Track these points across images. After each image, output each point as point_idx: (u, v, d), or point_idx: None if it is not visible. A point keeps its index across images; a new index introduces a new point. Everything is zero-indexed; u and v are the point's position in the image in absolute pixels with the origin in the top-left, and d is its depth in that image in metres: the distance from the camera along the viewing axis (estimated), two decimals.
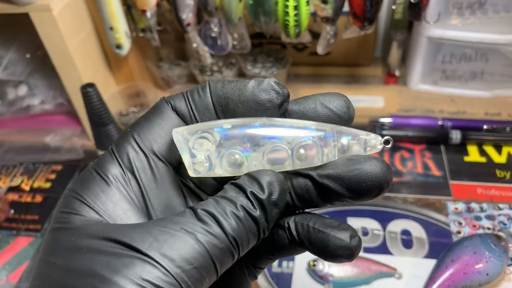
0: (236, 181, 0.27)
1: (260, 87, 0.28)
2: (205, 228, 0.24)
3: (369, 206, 0.63)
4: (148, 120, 0.29)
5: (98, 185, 0.27)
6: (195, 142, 0.28)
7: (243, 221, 0.25)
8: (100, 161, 0.28)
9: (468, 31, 0.72)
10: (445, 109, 0.77)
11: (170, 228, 0.24)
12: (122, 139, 0.29)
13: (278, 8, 0.64)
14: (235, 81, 0.29)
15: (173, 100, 0.29)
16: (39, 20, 0.65)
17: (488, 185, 0.64)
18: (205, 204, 0.26)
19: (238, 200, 0.26)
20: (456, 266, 0.52)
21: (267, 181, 0.26)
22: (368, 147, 0.29)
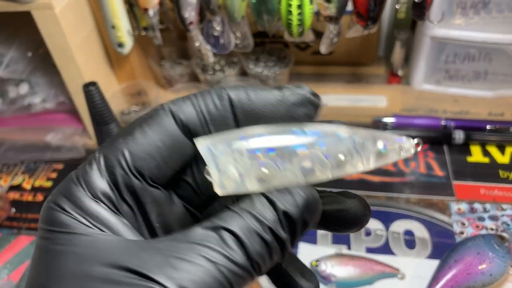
0: (267, 193, 0.24)
1: (296, 101, 0.25)
2: (228, 255, 0.22)
3: (372, 206, 0.63)
4: (144, 136, 0.25)
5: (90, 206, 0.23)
6: (226, 155, 0.24)
7: (270, 245, 0.23)
8: (87, 175, 0.24)
9: (472, 30, 0.71)
10: (448, 109, 0.77)
11: (188, 253, 0.21)
12: (111, 152, 0.25)
13: (281, 7, 0.63)
14: (260, 91, 0.25)
15: (182, 113, 0.25)
16: (41, 18, 0.65)
17: (491, 186, 0.64)
18: (228, 219, 0.23)
19: (266, 220, 0.23)
20: (459, 266, 0.52)
21: (303, 198, 0.24)
22: (402, 151, 0.27)
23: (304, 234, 0.24)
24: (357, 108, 0.79)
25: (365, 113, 0.77)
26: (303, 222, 0.24)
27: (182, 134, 0.25)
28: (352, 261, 0.56)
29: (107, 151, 0.25)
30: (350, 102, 0.81)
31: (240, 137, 0.24)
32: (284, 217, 0.23)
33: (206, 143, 0.24)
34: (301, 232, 0.24)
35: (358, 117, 0.77)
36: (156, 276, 0.20)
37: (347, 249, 0.58)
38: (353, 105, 0.80)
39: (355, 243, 0.59)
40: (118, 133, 0.26)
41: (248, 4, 0.67)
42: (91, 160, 0.25)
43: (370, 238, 0.59)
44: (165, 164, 0.25)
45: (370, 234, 0.60)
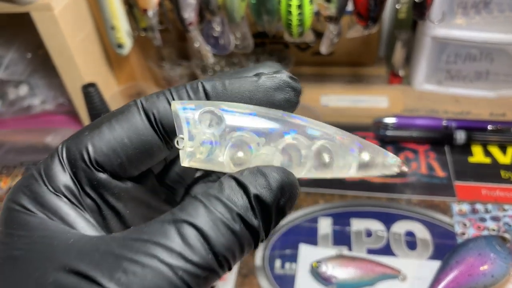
0: (237, 175, 0.22)
1: (274, 85, 0.24)
2: (186, 255, 0.20)
3: (373, 207, 0.62)
4: (110, 132, 0.24)
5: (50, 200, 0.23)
6: (201, 115, 0.22)
7: (239, 235, 0.21)
8: (48, 168, 0.23)
9: (473, 30, 0.71)
10: (449, 109, 0.77)
11: (141, 254, 0.20)
12: (75, 145, 0.24)
13: (281, 7, 0.63)
14: (236, 77, 0.24)
15: (155, 109, 0.24)
16: (40, 19, 0.64)
17: (493, 186, 0.64)
18: (190, 210, 0.21)
19: (236, 206, 0.21)
20: (461, 267, 0.51)
21: (277, 181, 0.22)
22: (385, 168, 0.26)
23: (280, 221, 0.23)
24: (358, 109, 0.79)
25: (366, 114, 0.77)
26: (278, 208, 0.22)
27: (153, 133, 0.24)
28: (353, 262, 0.56)
29: (70, 143, 0.24)
30: (351, 103, 0.80)
31: (222, 109, 0.23)
32: (256, 202, 0.21)
33: (183, 106, 0.22)
34: (277, 218, 0.22)
35: (359, 118, 0.76)
36: (104, 281, 0.19)
37: (348, 250, 0.58)
38: (354, 106, 0.80)
39: (356, 244, 0.58)
40: (86, 126, 0.25)
41: (247, 5, 0.67)
42: (54, 153, 0.24)
43: (371, 239, 0.59)
44: (129, 162, 0.24)
45: (371, 235, 0.59)
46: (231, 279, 0.56)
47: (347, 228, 0.60)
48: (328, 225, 0.61)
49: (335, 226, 0.60)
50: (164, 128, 0.24)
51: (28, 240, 0.21)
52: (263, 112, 0.23)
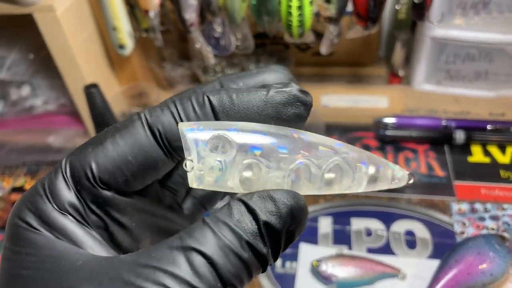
0: (247, 200, 0.21)
1: (283, 101, 0.23)
2: (193, 283, 0.20)
3: (372, 207, 0.63)
4: (115, 147, 0.23)
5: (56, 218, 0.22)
6: (210, 140, 0.22)
7: (247, 262, 0.21)
8: (52, 184, 0.23)
9: (472, 31, 0.71)
10: (449, 109, 0.77)
11: (150, 283, 0.20)
12: (79, 162, 0.23)
13: (282, 8, 0.64)
14: (244, 93, 0.23)
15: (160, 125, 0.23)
16: (43, 20, 0.65)
17: (492, 186, 0.64)
18: (200, 238, 0.21)
19: (245, 233, 0.21)
20: (460, 266, 0.52)
21: (287, 206, 0.21)
22: (395, 180, 0.25)
23: (288, 246, 0.22)
24: (358, 109, 0.79)
25: (366, 114, 0.77)
26: (287, 233, 0.21)
27: (158, 149, 0.23)
28: (353, 261, 0.56)
29: (74, 160, 0.23)
30: (351, 103, 0.81)
31: (230, 128, 0.22)
32: (265, 229, 0.21)
33: (190, 127, 0.22)
34: (286, 244, 0.22)
35: (359, 118, 0.77)
36: None
37: (348, 249, 0.58)
38: (354, 106, 0.80)
39: (356, 243, 0.59)
40: (90, 141, 0.24)
41: (248, 6, 0.67)
42: (57, 169, 0.23)
43: (371, 238, 0.59)
44: (134, 178, 0.23)
45: (371, 235, 0.60)
46: None
47: (347, 227, 0.61)
48: (328, 224, 0.61)
49: (335, 225, 0.61)
50: (169, 143, 0.23)
51: (35, 258, 0.21)
52: (273, 132, 0.22)
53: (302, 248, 0.59)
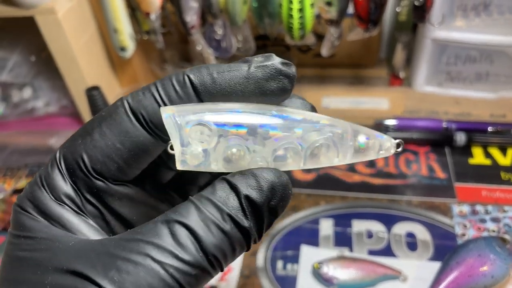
0: (229, 177, 0.22)
1: (265, 76, 0.23)
2: (176, 253, 0.20)
3: (373, 209, 0.63)
4: (103, 137, 0.23)
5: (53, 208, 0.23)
6: (192, 128, 0.22)
7: (229, 235, 0.21)
8: (49, 177, 0.24)
9: (473, 32, 0.71)
10: (450, 110, 0.77)
11: (135, 254, 0.20)
12: (71, 154, 0.24)
13: (283, 11, 0.64)
14: (226, 68, 0.23)
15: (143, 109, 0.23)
16: (44, 23, 0.65)
17: (493, 188, 0.64)
18: (184, 213, 0.21)
19: (227, 207, 0.21)
20: (461, 268, 0.52)
21: (268, 182, 0.22)
22: (382, 150, 0.25)
23: (272, 222, 0.23)
24: (359, 111, 0.79)
25: (367, 115, 0.77)
26: (269, 209, 0.22)
27: (145, 133, 0.23)
28: (354, 263, 0.57)
29: (66, 152, 0.24)
30: (352, 105, 0.81)
31: (210, 109, 0.22)
32: (247, 203, 0.21)
33: (172, 111, 0.22)
34: (269, 220, 0.22)
35: (360, 119, 0.77)
36: (99, 279, 0.20)
37: (349, 251, 0.58)
38: (355, 108, 0.80)
39: (357, 245, 0.59)
40: (78, 132, 0.25)
41: (249, 8, 0.67)
42: (53, 161, 0.24)
43: (372, 240, 0.59)
44: (127, 165, 0.24)
45: (372, 237, 0.60)
46: (233, 280, 0.57)
47: (348, 229, 0.61)
48: (329, 227, 0.61)
49: (336, 227, 0.61)
50: (155, 126, 0.23)
51: (32, 241, 0.22)
52: (256, 112, 0.23)
53: (303, 250, 0.59)
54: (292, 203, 0.65)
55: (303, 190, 0.66)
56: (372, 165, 0.69)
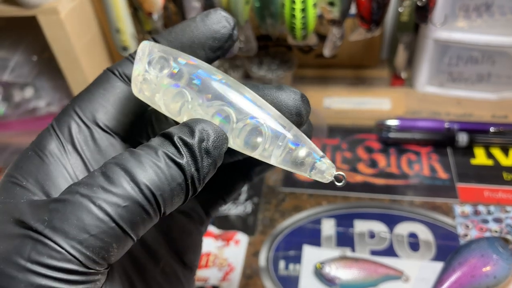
0: (164, 131, 0.23)
1: (212, 19, 0.28)
2: (105, 187, 0.21)
3: (376, 209, 0.63)
4: (89, 92, 0.27)
5: (32, 163, 0.25)
6: (155, 58, 0.25)
7: (163, 170, 0.22)
8: (37, 139, 0.26)
9: (475, 33, 0.72)
10: (451, 111, 0.77)
11: (65, 194, 0.21)
12: (62, 113, 0.27)
13: (285, 11, 0.64)
14: (178, 24, 0.28)
15: (119, 67, 0.28)
16: (46, 22, 0.65)
17: (495, 188, 0.64)
18: (118, 156, 0.22)
19: (161, 147, 0.22)
20: (464, 269, 0.52)
21: (200, 127, 0.23)
22: (314, 170, 0.25)
23: (212, 166, 0.23)
24: (360, 111, 0.79)
25: (369, 116, 0.77)
26: (204, 149, 0.23)
27: (124, 84, 0.27)
28: (356, 263, 0.57)
29: (58, 116, 0.27)
30: (354, 105, 0.81)
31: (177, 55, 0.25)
32: (180, 142, 0.22)
33: (152, 44, 0.25)
34: (206, 161, 0.23)
35: (362, 120, 0.77)
36: (33, 222, 0.20)
37: (351, 251, 0.58)
38: (357, 108, 0.80)
39: (359, 245, 0.59)
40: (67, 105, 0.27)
41: (251, 8, 0.67)
42: (44, 129, 0.26)
43: (374, 240, 0.59)
44: (115, 109, 0.27)
45: (374, 237, 0.60)
46: (235, 280, 0.57)
47: (350, 230, 0.61)
48: (332, 227, 0.61)
49: (338, 228, 0.61)
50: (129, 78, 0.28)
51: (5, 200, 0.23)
52: (212, 71, 0.25)
53: (305, 250, 0.59)
54: (294, 203, 0.65)
55: (305, 190, 0.66)
56: (374, 165, 0.69)
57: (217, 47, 0.28)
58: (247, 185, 0.31)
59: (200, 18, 0.28)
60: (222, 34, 0.28)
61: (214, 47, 0.28)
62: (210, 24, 0.27)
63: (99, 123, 0.26)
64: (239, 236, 0.61)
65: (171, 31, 0.28)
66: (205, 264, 0.59)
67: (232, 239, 0.61)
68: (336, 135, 0.75)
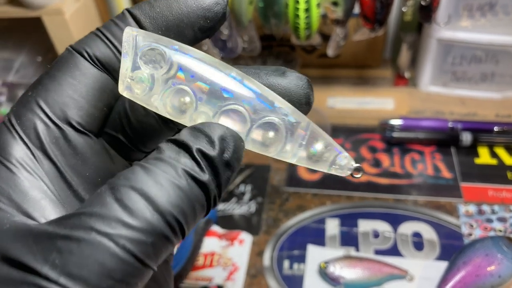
0: (175, 137, 0.20)
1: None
2: (127, 221, 0.17)
3: (380, 209, 0.63)
4: (54, 80, 0.22)
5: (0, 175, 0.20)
6: (147, 52, 0.21)
7: (186, 192, 0.19)
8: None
9: (478, 33, 0.72)
10: (455, 111, 0.77)
11: (76, 230, 0.17)
12: (24, 108, 0.21)
13: (289, 11, 0.64)
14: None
15: (88, 47, 0.22)
16: (51, 23, 0.65)
17: (499, 187, 0.64)
18: (130, 176, 0.19)
19: (180, 163, 0.19)
20: (468, 268, 0.52)
21: (218, 135, 0.20)
22: (334, 166, 0.23)
23: (230, 179, 0.21)
24: (364, 111, 0.79)
25: (372, 116, 0.77)
26: (224, 161, 0.20)
27: (97, 70, 0.22)
28: (360, 263, 0.57)
29: (18, 110, 0.22)
30: (357, 105, 0.81)
31: (172, 46, 0.21)
32: (200, 155, 0.19)
33: (135, 33, 0.21)
34: (226, 174, 0.20)
35: (365, 120, 0.77)
36: (37, 265, 0.17)
37: (356, 251, 0.58)
38: (360, 108, 0.80)
39: (364, 245, 0.59)
40: (26, 90, 0.22)
41: (255, 8, 0.67)
42: (1, 126, 0.22)
43: (379, 240, 0.59)
44: (89, 103, 0.22)
45: (378, 236, 0.60)
46: (239, 280, 0.57)
47: (354, 229, 0.61)
48: (336, 226, 0.61)
49: (342, 227, 0.61)
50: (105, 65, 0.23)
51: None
52: (214, 65, 0.22)
53: (309, 250, 0.59)
54: (298, 202, 0.65)
55: (309, 190, 0.67)
56: (378, 165, 0.69)
57: (208, 27, 0.24)
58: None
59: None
60: (215, 13, 0.23)
61: (205, 27, 0.24)
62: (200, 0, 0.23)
63: (72, 121, 0.22)
64: (243, 236, 0.61)
65: (153, 5, 0.23)
66: (209, 263, 0.59)
67: (236, 239, 0.61)
68: (339, 134, 0.75)
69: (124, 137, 0.24)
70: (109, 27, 0.23)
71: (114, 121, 0.24)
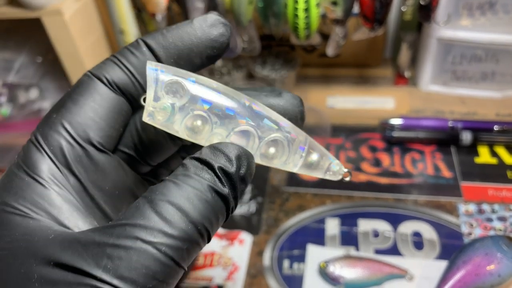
0: (198, 156, 0.23)
1: (208, 23, 0.26)
2: (167, 231, 0.21)
3: (380, 208, 0.63)
4: (77, 103, 0.25)
5: (33, 190, 0.23)
6: (168, 84, 0.24)
7: (211, 204, 0.22)
8: (26, 158, 0.24)
9: (479, 32, 0.71)
10: (455, 110, 0.77)
11: (123, 239, 0.20)
12: (50, 129, 0.24)
13: (288, 11, 0.64)
14: (172, 27, 0.26)
15: (106, 73, 0.25)
16: (51, 24, 0.65)
17: (499, 186, 0.64)
18: (164, 191, 0.22)
19: (205, 179, 0.22)
20: (468, 267, 0.52)
21: (235, 154, 0.24)
22: (329, 172, 0.28)
23: (244, 192, 0.25)
24: (364, 110, 0.79)
25: (373, 115, 0.77)
26: (240, 177, 0.24)
27: (114, 94, 0.26)
28: (360, 262, 0.57)
29: (45, 131, 0.24)
30: (357, 104, 0.81)
31: (189, 78, 0.24)
32: (221, 172, 0.23)
33: (157, 67, 0.24)
34: (241, 187, 0.24)
35: (366, 119, 0.77)
36: (92, 269, 0.20)
37: (355, 250, 0.58)
38: (361, 107, 0.80)
39: (364, 244, 0.59)
40: (50, 111, 0.25)
41: (255, 8, 0.68)
42: (29, 145, 0.24)
43: (378, 239, 0.59)
44: (108, 125, 0.25)
45: (378, 236, 0.60)
46: (240, 280, 0.57)
47: (354, 229, 0.61)
48: (336, 226, 0.61)
49: (342, 227, 0.61)
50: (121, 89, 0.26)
51: (9, 239, 0.22)
52: (226, 93, 0.25)
53: (309, 249, 0.59)
54: (298, 202, 0.65)
55: (309, 189, 0.67)
56: (378, 164, 0.69)
57: (214, 56, 0.27)
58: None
59: (198, 24, 0.26)
60: (221, 43, 0.27)
61: (211, 56, 0.27)
62: (208, 31, 0.26)
63: (93, 141, 0.25)
64: (244, 236, 0.62)
65: (165, 35, 0.26)
66: (209, 263, 0.59)
67: (236, 239, 0.61)
68: (339, 134, 0.75)
69: (135, 153, 0.28)
70: (125, 54, 0.26)
71: (127, 139, 0.28)
